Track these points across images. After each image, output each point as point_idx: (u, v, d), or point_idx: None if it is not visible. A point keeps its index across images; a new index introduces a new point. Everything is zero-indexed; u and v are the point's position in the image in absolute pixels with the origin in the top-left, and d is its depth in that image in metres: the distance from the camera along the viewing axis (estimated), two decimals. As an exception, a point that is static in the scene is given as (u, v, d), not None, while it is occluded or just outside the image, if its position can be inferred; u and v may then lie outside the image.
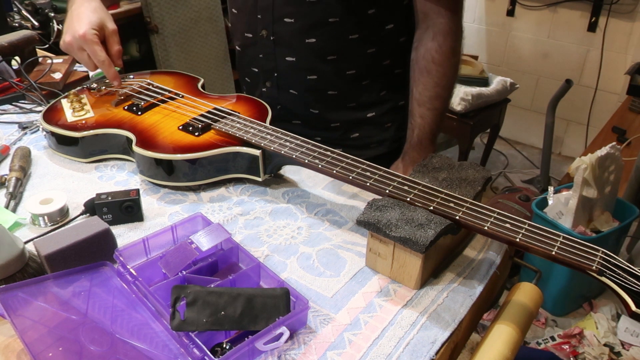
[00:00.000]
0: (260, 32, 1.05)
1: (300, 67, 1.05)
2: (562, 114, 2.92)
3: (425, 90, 1.00)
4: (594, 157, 1.75)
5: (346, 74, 1.05)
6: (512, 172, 3.05)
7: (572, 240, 0.62)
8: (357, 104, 1.10)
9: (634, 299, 0.55)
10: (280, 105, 1.11)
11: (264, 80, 1.11)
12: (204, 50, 2.80)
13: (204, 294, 0.60)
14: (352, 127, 1.12)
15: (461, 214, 0.67)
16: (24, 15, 2.01)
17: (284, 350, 0.60)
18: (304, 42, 1.02)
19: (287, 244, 0.77)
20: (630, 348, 1.86)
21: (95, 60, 0.97)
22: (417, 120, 1.02)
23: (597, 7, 2.75)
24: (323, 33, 1.00)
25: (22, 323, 0.59)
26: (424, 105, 1.01)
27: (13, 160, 0.91)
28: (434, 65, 0.99)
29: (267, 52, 1.07)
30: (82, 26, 0.96)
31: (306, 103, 1.10)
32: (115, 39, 1.00)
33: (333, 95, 1.08)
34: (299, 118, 1.12)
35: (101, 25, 0.98)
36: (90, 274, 0.67)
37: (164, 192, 0.88)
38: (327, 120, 1.11)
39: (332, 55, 1.03)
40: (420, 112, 1.02)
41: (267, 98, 1.12)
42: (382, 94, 1.11)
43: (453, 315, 0.66)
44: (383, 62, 1.07)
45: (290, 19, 1.01)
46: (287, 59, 1.05)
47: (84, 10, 0.98)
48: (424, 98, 1.01)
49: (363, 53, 1.04)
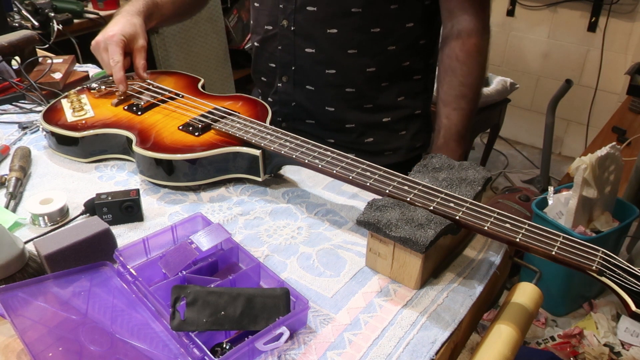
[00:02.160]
0: (281, 22, 1.05)
1: (320, 60, 1.05)
2: (562, 114, 2.92)
3: (450, 90, 1.00)
4: (594, 157, 1.75)
5: (366, 70, 1.05)
6: (512, 172, 3.05)
7: (572, 240, 0.62)
8: (373, 105, 1.09)
9: (634, 299, 0.55)
10: (295, 103, 1.11)
11: (280, 75, 1.10)
12: (204, 50, 2.80)
13: (204, 294, 0.60)
14: (366, 131, 1.11)
15: (461, 214, 0.67)
16: (24, 15, 2.01)
17: (284, 350, 0.60)
18: (325, 32, 1.01)
19: (287, 244, 0.77)
20: (630, 348, 1.86)
21: (110, 60, 0.99)
22: (443, 120, 1.01)
23: (597, 7, 2.75)
24: (345, 24, 1.00)
25: (22, 323, 0.59)
26: (449, 105, 1.00)
27: (13, 160, 0.91)
28: (458, 63, 0.98)
29: (287, 43, 1.06)
30: (114, 30, 1.01)
31: (322, 100, 1.09)
32: (143, 54, 1.04)
33: (351, 93, 1.07)
34: (313, 117, 1.12)
35: (133, 37, 1.02)
36: (90, 274, 0.67)
37: (164, 192, 0.88)
38: (342, 120, 1.10)
39: (352, 49, 1.02)
40: (446, 112, 1.01)
41: (282, 94, 1.12)
42: (400, 99, 1.10)
43: (453, 315, 0.66)
44: (403, 63, 1.07)
45: (313, 7, 1.00)
46: (306, 51, 1.04)
47: (122, 20, 1.03)
48: (449, 97, 1.00)
49: (383, 49, 1.04)
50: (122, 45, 1.00)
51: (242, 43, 3.00)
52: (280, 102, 1.13)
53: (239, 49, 2.97)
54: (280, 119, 1.15)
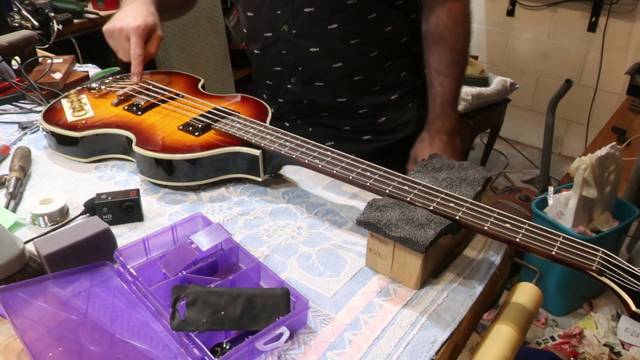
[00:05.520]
0: (282, 28, 1.06)
1: (325, 57, 1.06)
2: (562, 114, 2.92)
3: (442, 58, 1.03)
4: (594, 157, 1.75)
5: (370, 56, 1.07)
6: (512, 172, 3.05)
7: (572, 240, 0.62)
8: (381, 87, 1.12)
9: (634, 299, 0.55)
10: (307, 100, 1.13)
11: (288, 77, 1.11)
12: (204, 50, 2.80)
13: (204, 294, 0.60)
14: (378, 112, 1.14)
15: (461, 214, 0.67)
16: (24, 15, 2.01)
17: (284, 350, 0.60)
18: (326, 29, 1.03)
19: (287, 244, 0.77)
20: (630, 348, 1.86)
21: (133, 51, 1.01)
22: (438, 89, 1.05)
23: (597, 7, 2.75)
24: (344, 18, 1.02)
25: (22, 323, 0.59)
26: (442, 73, 1.04)
27: (13, 160, 0.91)
28: (446, 30, 1.01)
29: (290, 47, 1.07)
30: (138, 20, 1.01)
31: (333, 93, 1.11)
32: (157, 44, 1.05)
33: (359, 80, 1.09)
34: (327, 110, 1.14)
35: (153, 28, 1.03)
36: (90, 274, 0.67)
37: (164, 192, 0.88)
38: (355, 107, 1.12)
39: (354, 39, 1.04)
40: (439, 80, 1.04)
41: (293, 95, 1.13)
42: (403, 74, 1.13)
43: (453, 315, 0.66)
44: (401, 40, 1.10)
45: (310, 8, 1.02)
46: (310, 50, 1.06)
47: (142, 9, 1.04)
48: (441, 66, 1.03)
49: (382, 32, 1.06)
50: (145, 38, 1.01)
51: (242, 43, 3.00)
52: (292, 102, 1.15)
53: (239, 49, 2.97)
54: (294, 116, 1.17)
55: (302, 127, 1.17)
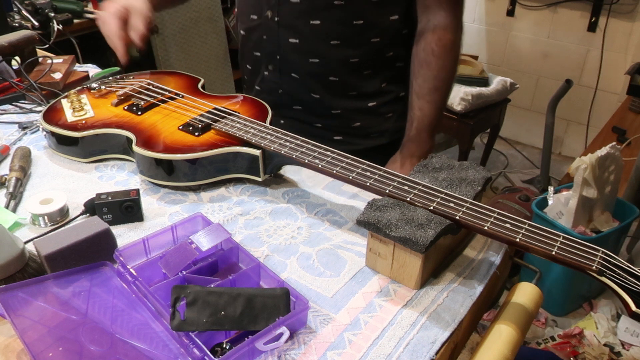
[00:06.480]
0: (265, 12, 1.06)
1: (303, 50, 1.06)
2: (562, 114, 2.92)
3: (425, 83, 1.02)
4: (594, 157, 1.75)
5: (349, 61, 1.06)
6: (512, 172, 3.05)
7: (572, 240, 0.62)
8: (358, 93, 1.11)
9: (634, 299, 0.55)
10: (282, 90, 1.12)
11: (266, 64, 1.12)
12: (204, 50, 2.80)
13: (204, 294, 0.60)
14: (353, 116, 1.13)
15: (461, 214, 0.67)
16: (24, 15, 2.01)
17: (284, 350, 0.60)
18: (308, 23, 1.02)
19: (287, 244, 0.77)
20: (630, 348, 1.86)
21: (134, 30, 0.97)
22: (416, 112, 1.04)
23: (597, 7, 2.75)
24: (328, 16, 1.01)
25: (22, 323, 0.59)
26: (423, 98, 1.03)
27: (13, 160, 0.91)
28: (433, 57, 1.00)
29: (271, 34, 1.07)
30: (139, 2, 0.99)
31: (307, 88, 1.10)
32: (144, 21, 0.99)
33: (334, 81, 1.08)
34: (301, 103, 1.13)
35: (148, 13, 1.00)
36: (90, 274, 0.67)
37: (164, 192, 0.88)
38: (328, 106, 1.12)
39: (335, 40, 1.04)
40: (419, 104, 1.03)
41: (269, 82, 1.13)
42: (383, 85, 1.12)
43: (453, 315, 0.66)
44: (386, 54, 1.08)
45: (296, 0, 1.01)
46: (290, 41, 1.05)
47: None
48: (423, 90, 1.02)
49: (367, 41, 1.05)
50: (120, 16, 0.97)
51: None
52: (267, 91, 1.15)
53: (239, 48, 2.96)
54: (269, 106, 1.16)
55: (274, 118, 1.16)
